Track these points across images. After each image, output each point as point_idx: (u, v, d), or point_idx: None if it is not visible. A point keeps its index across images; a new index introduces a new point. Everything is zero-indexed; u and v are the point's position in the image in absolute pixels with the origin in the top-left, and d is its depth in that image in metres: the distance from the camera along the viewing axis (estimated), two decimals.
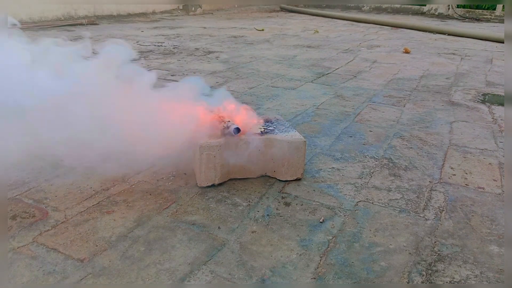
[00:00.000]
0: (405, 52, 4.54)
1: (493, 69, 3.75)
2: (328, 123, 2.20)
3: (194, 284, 1.01)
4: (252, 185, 1.49)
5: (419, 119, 2.31)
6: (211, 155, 1.41)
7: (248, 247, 1.15)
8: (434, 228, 1.27)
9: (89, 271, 1.04)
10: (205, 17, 8.20)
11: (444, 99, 2.72)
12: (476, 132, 2.12)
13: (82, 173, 1.54)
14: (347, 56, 4.24)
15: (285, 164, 1.49)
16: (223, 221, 1.27)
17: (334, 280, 1.04)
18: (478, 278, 1.06)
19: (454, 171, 1.66)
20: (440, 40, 5.59)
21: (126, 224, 1.24)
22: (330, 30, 6.46)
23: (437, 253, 1.15)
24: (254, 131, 1.50)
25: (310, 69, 3.59)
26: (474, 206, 1.40)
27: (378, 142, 1.95)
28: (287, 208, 1.35)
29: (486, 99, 2.76)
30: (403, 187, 1.52)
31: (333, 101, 2.61)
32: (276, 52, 4.36)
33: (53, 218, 1.25)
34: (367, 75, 3.39)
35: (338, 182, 1.54)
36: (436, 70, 3.66)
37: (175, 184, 1.48)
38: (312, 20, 8.08)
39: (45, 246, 1.12)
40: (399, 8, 10.02)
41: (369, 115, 2.35)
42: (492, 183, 1.57)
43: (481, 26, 7.26)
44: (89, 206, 1.33)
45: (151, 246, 1.14)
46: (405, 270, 1.08)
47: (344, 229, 1.25)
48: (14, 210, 1.29)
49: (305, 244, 1.17)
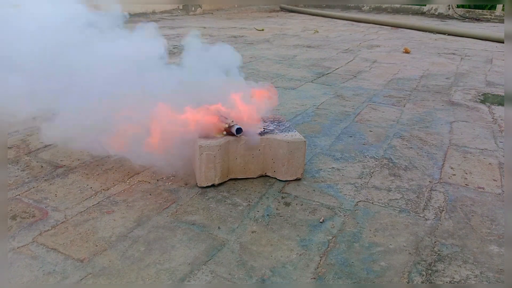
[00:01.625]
0: (405, 52, 4.54)
1: (493, 69, 3.75)
2: (328, 123, 2.20)
3: (194, 284, 1.01)
4: (252, 185, 1.49)
5: (419, 119, 2.31)
6: (211, 155, 1.41)
7: (248, 247, 1.15)
8: (434, 228, 1.27)
9: (89, 271, 1.04)
10: (205, 17, 8.20)
11: (444, 99, 2.72)
12: (476, 132, 2.12)
13: (82, 173, 1.54)
14: (347, 56, 4.24)
15: (285, 164, 1.49)
16: (223, 221, 1.27)
17: (334, 280, 1.04)
18: (478, 278, 1.06)
19: (454, 171, 1.66)
20: (440, 40, 5.59)
21: (126, 224, 1.24)
22: (330, 30, 6.46)
23: (437, 253, 1.15)
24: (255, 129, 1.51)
25: (310, 69, 3.59)
26: (474, 206, 1.40)
27: (378, 142, 1.95)
28: (287, 208, 1.35)
29: (486, 99, 2.76)
30: (403, 187, 1.52)
31: (333, 101, 2.61)
32: (276, 52, 4.36)
33: (53, 218, 1.25)
34: (367, 75, 3.39)
35: (338, 182, 1.54)
36: (436, 70, 3.66)
37: (175, 184, 1.48)
38: (312, 20, 8.08)
39: (45, 246, 1.12)
40: (399, 8, 10.02)
41: (369, 115, 2.35)
42: (492, 183, 1.57)
43: (481, 26, 7.26)
44: (89, 206, 1.33)
45: (151, 246, 1.14)
46: (405, 270, 1.08)
47: (344, 229, 1.25)
48: (14, 210, 1.29)
49: (305, 244, 1.17)
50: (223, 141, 1.44)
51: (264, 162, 1.52)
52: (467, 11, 9.08)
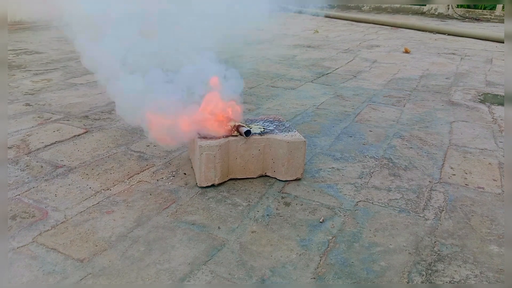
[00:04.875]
0: (405, 52, 4.54)
1: (493, 69, 3.75)
2: (328, 123, 2.20)
3: (194, 284, 1.01)
4: (252, 185, 1.49)
5: (419, 119, 2.31)
6: (211, 155, 1.41)
7: (248, 247, 1.15)
8: (434, 228, 1.27)
9: (89, 271, 1.04)
10: None
11: (444, 99, 2.72)
12: (476, 132, 2.12)
13: (82, 173, 1.54)
14: (347, 56, 4.24)
15: (285, 164, 1.49)
16: (223, 221, 1.27)
17: (334, 280, 1.04)
18: (478, 278, 1.06)
19: (454, 171, 1.66)
20: (440, 40, 5.59)
21: (126, 224, 1.24)
22: (330, 30, 6.46)
23: (437, 253, 1.15)
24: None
25: (310, 69, 3.59)
26: (474, 206, 1.40)
27: (378, 142, 1.95)
28: (287, 208, 1.35)
29: (486, 99, 2.76)
30: (403, 187, 1.52)
31: (333, 101, 2.61)
32: (276, 52, 4.36)
33: (53, 218, 1.25)
34: (367, 75, 3.39)
35: (338, 182, 1.54)
36: (436, 70, 3.66)
37: (175, 184, 1.48)
38: (312, 20, 8.08)
39: (45, 246, 1.12)
40: (399, 8, 10.02)
41: (369, 115, 2.35)
42: (492, 183, 1.57)
43: (481, 26, 7.26)
44: (89, 206, 1.33)
45: (151, 246, 1.14)
46: (405, 270, 1.08)
47: (344, 229, 1.25)
48: (14, 210, 1.29)
49: (305, 244, 1.17)
50: (223, 141, 1.44)
51: (264, 162, 1.52)
52: (467, 11, 9.08)
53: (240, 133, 1.47)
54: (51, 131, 1.95)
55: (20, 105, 2.33)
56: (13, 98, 2.45)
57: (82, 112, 2.25)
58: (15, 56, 3.75)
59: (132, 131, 1.97)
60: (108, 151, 1.75)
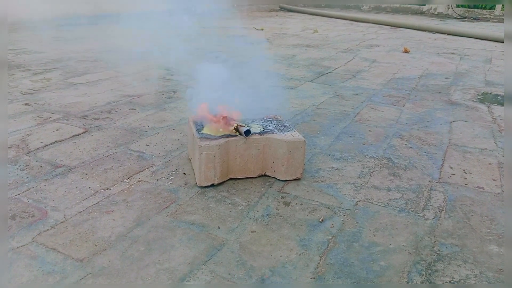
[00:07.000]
0: (404, 52, 4.54)
1: (493, 68, 3.75)
2: (327, 122, 2.20)
3: (193, 284, 1.01)
4: (251, 184, 1.49)
5: (419, 118, 2.31)
6: (211, 155, 1.41)
7: (248, 247, 1.15)
8: (433, 227, 1.27)
9: (88, 271, 1.03)
10: None
11: (443, 99, 2.72)
12: (476, 131, 2.12)
13: (82, 173, 1.54)
14: (346, 56, 4.24)
15: (285, 163, 1.49)
16: (222, 221, 1.27)
17: (334, 280, 1.04)
18: (477, 278, 1.06)
19: (454, 171, 1.66)
20: (439, 39, 5.59)
21: (125, 224, 1.24)
22: (330, 30, 6.46)
23: (437, 252, 1.15)
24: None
25: (309, 68, 3.59)
26: (474, 206, 1.40)
27: (377, 142, 1.95)
28: (286, 207, 1.35)
29: (485, 98, 2.76)
30: (403, 186, 1.52)
31: (332, 101, 2.61)
32: (275, 52, 4.36)
33: (53, 218, 1.25)
34: (367, 75, 3.39)
35: (338, 182, 1.54)
36: (436, 69, 3.66)
37: (175, 184, 1.48)
38: (311, 19, 8.08)
39: (45, 246, 1.12)
40: (399, 7, 10.02)
41: (368, 114, 2.35)
42: (492, 182, 1.57)
43: (480, 26, 7.26)
44: (89, 206, 1.33)
45: (151, 246, 1.14)
46: (405, 269, 1.08)
47: (343, 228, 1.25)
48: (13, 210, 1.29)
49: (304, 244, 1.17)
50: (223, 141, 1.44)
51: (264, 161, 1.52)
52: (467, 11, 9.08)
53: (240, 132, 1.47)
54: (50, 130, 1.95)
55: (19, 105, 2.33)
56: (12, 98, 2.45)
57: (81, 112, 2.25)
58: (15, 55, 3.75)
59: (131, 131, 1.97)
60: (108, 151, 1.74)
